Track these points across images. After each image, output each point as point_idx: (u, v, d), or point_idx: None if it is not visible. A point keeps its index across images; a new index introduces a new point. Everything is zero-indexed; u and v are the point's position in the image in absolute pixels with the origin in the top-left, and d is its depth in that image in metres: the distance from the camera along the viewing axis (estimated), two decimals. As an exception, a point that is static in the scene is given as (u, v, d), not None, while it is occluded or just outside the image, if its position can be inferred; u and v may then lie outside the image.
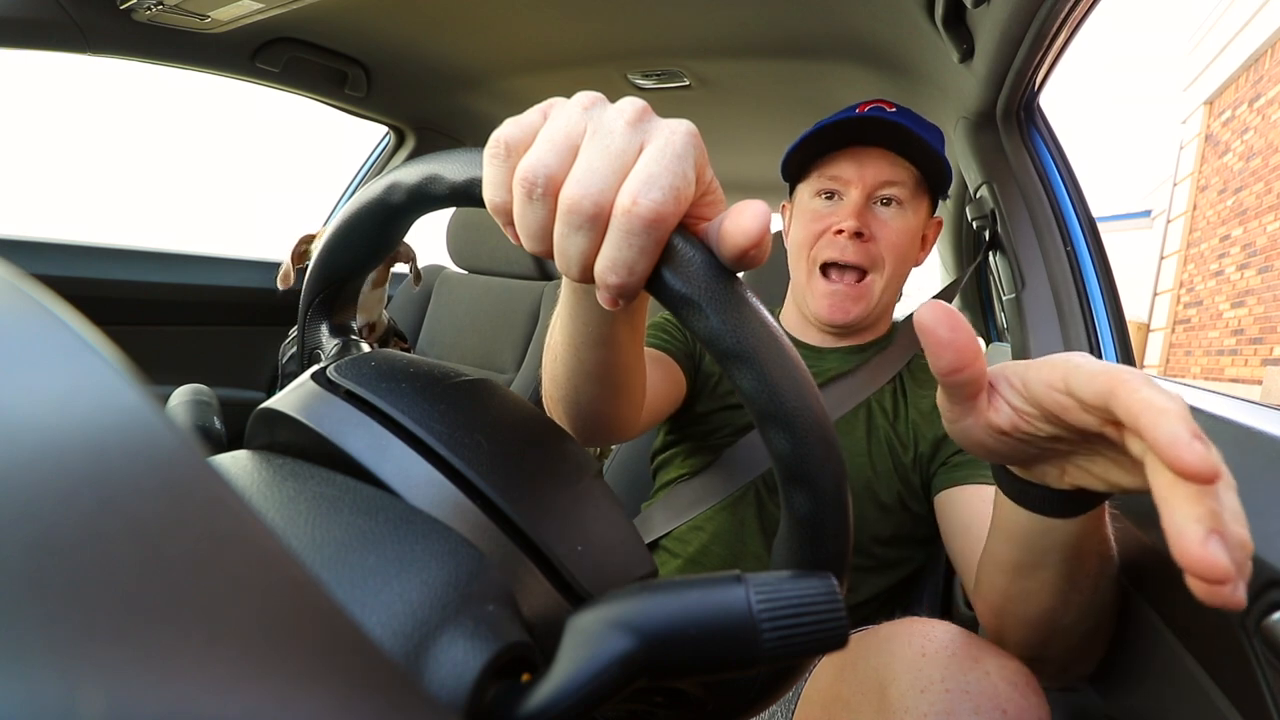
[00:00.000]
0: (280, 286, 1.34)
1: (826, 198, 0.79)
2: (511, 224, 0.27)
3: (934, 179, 0.78)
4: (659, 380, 0.72)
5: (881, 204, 0.77)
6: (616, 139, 0.25)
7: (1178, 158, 7.01)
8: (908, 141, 0.75)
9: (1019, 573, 0.46)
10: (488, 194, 0.27)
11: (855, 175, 0.76)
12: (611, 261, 0.25)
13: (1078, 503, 0.39)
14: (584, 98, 0.27)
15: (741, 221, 0.25)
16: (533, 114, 0.27)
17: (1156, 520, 0.47)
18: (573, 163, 0.25)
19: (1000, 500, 0.44)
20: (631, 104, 0.26)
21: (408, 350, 1.59)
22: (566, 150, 0.25)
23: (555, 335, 0.51)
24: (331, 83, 1.49)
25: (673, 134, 0.25)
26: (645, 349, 0.76)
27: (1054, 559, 0.43)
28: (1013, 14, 0.77)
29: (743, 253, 0.25)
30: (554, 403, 0.58)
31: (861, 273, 0.78)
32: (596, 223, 0.25)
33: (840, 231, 0.75)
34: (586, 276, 0.26)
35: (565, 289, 0.47)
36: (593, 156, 0.25)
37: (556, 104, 0.27)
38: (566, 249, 0.26)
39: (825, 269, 0.79)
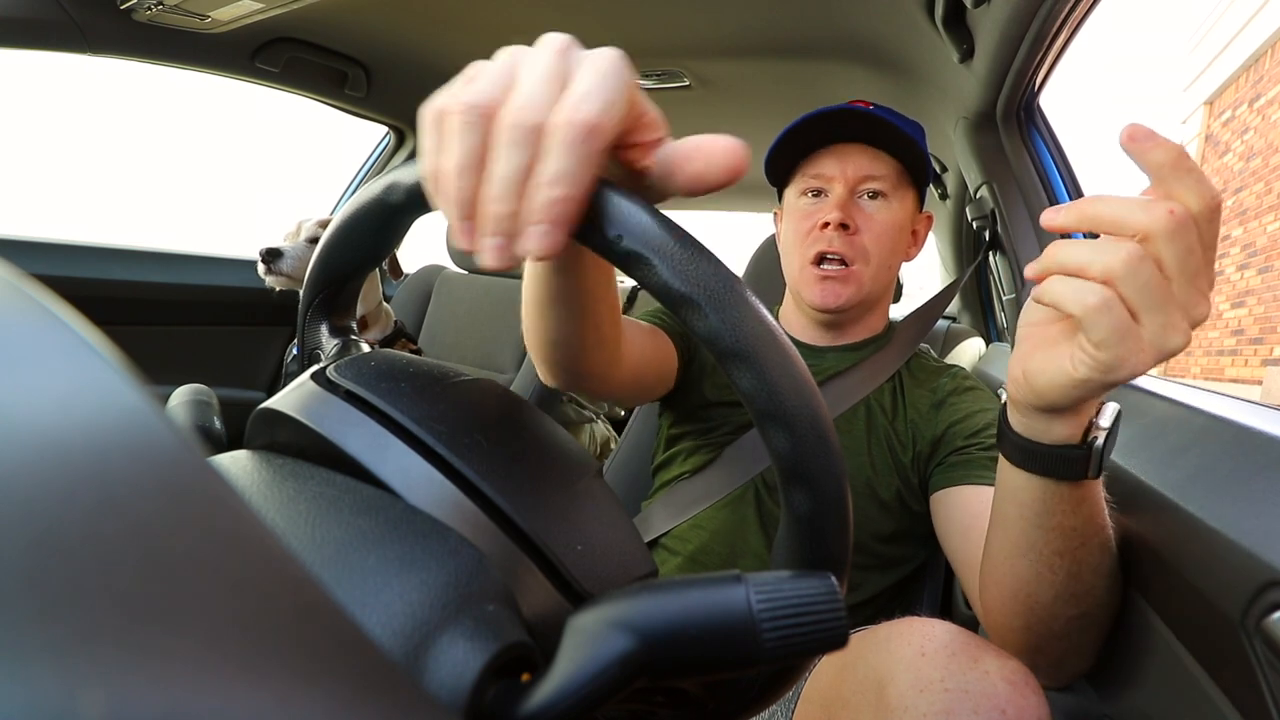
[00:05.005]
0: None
1: (813, 195, 0.82)
2: (444, 196, 0.26)
3: (916, 172, 0.80)
4: (647, 347, 0.74)
5: (867, 197, 0.79)
6: (549, 65, 0.26)
7: (1178, 158, 6.99)
8: (886, 134, 0.77)
9: (1002, 542, 0.49)
10: (421, 163, 0.27)
11: (838, 171, 0.79)
12: (555, 173, 0.24)
13: (1069, 461, 0.42)
14: (504, 52, 0.27)
15: (715, 157, 0.26)
16: (459, 80, 0.27)
17: (1156, 520, 0.47)
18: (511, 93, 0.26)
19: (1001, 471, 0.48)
20: (557, 37, 0.27)
21: (417, 352, 1.59)
22: (505, 85, 0.26)
23: (525, 264, 0.51)
24: (331, 83, 1.49)
25: (600, 56, 0.26)
26: (639, 323, 0.78)
27: (1032, 527, 0.46)
28: (1013, 14, 0.77)
29: (710, 188, 0.26)
30: (528, 334, 0.58)
31: (850, 266, 0.79)
32: (533, 138, 0.25)
33: (826, 225, 0.78)
34: (505, 210, 0.25)
35: None
36: (529, 81, 0.25)
37: (479, 64, 0.27)
38: (501, 170, 0.25)
39: (816, 260, 0.81)
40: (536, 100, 0.25)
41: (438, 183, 0.26)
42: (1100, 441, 0.42)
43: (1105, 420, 0.42)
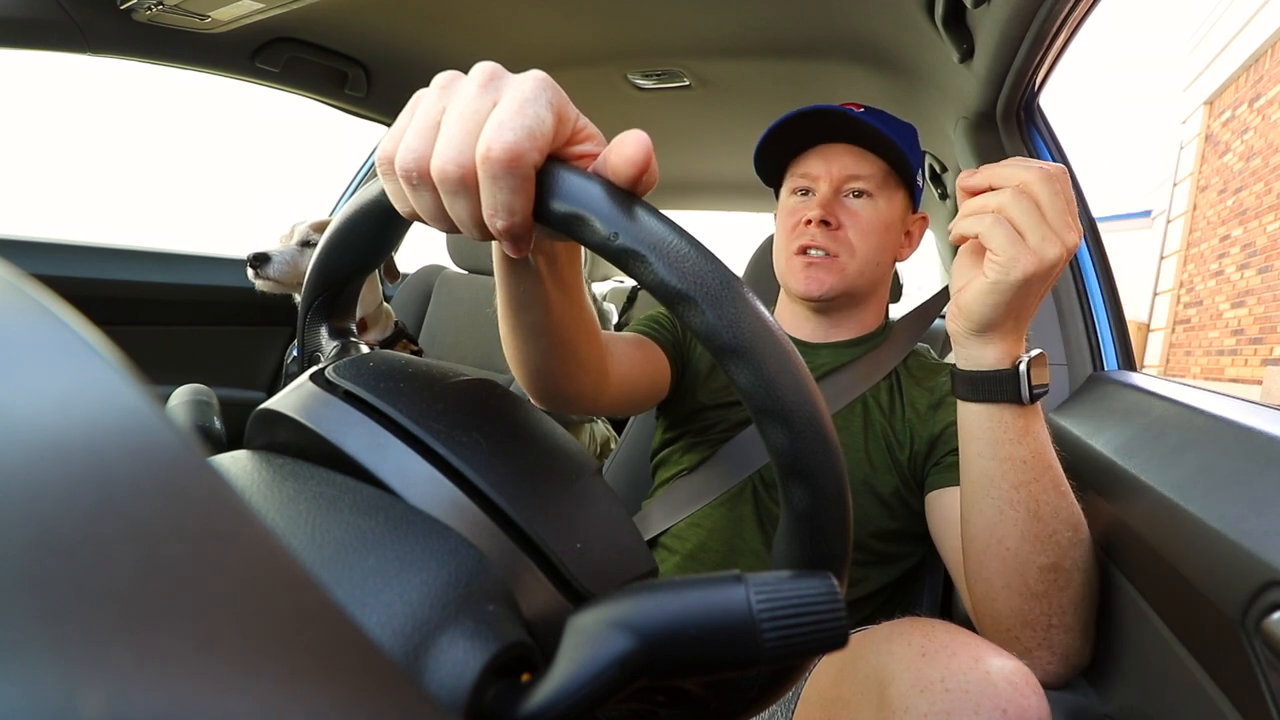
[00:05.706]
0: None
1: (801, 194, 0.84)
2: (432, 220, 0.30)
3: (904, 172, 0.81)
4: (637, 361, 0.75)
5: (852, 196, 0.81)
6: (469, 103, 0.27)
7: (1178, 158, 7.01)
8: (871, 135, 0.78)
9: (968, 490, 0.56)
10: (397, 206, 0.30)
11: (823, 171, 0.81)
12: (491, 209, 0.27)
13: (1002, 381, 0.52)
14: (442, 78, 0.29)
15: (625, 151, 0.26)
16: (402, 117, 0.29)
17: (1156, 520, 0.47)
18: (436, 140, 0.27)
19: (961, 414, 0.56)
20: (481, 69, 0.28)
21: (418, 353, 1.59)
22: (429, 131, 0.27)
23: (497, 297, 0.52)
24: (331, 83, 1.49)
25: (521, 83, 0.27)
26: (628, 333, 0.79)
27: (988, 459, 0.53)
28: (1013, 14, 0.77)
29: (634, 180, 0.27)
30: (511, 365, 0.59)
31: (833, 256, 0.80)
32: (466, 183, 0.27)
33: (809, 221, 0.79)
34: (486, 234, 0.29)
35: (493, 254, 0.49)
36: (449, 126, 0.27)
37: (420, 95, 0.29)
38: (457, 215, 0.28)
39: (800, 251, 0.82)
40: (455, 146, 0.27)
41: (420, 218, 0.30)
42: (1024, 366, 0.52)
43: (1031, 353, 0.53)
